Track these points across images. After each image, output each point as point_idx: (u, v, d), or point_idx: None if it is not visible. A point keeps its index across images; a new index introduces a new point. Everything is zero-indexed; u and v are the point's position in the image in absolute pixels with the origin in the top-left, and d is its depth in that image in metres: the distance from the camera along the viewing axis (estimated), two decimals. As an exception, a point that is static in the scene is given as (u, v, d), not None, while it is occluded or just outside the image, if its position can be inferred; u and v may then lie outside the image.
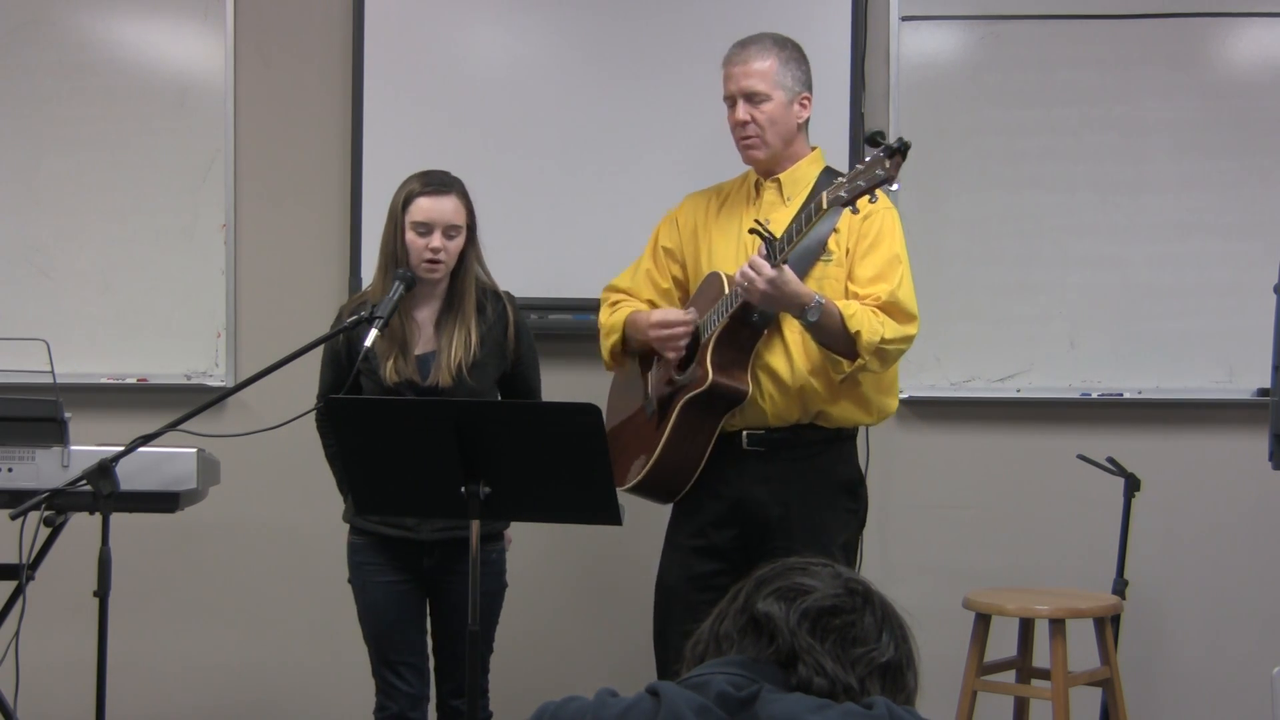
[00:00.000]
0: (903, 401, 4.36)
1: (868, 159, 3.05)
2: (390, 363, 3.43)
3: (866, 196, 3.05)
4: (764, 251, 3.18)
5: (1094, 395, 4.35)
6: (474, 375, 3.46)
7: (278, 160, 4.52)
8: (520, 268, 4.08)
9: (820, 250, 3.34)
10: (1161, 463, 4.26)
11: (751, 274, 3.17)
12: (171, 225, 4.50)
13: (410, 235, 3.44)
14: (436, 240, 3.43)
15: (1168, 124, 4.33)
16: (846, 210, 3.26)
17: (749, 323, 3.32)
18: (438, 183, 3.47)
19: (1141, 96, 4.33)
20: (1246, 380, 4.28)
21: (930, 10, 4.38)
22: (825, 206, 3.11)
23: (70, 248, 4.51)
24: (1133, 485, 4.07)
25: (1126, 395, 4.35)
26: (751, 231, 3.21)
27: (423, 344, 3.50)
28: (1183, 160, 4.33)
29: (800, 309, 3.21)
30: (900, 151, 3.01)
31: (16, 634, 3.17)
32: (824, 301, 3.22)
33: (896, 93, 4.37)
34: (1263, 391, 4.16)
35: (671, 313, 3.45)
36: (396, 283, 3.33)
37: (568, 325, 4.37)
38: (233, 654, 4.52)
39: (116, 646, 3.18)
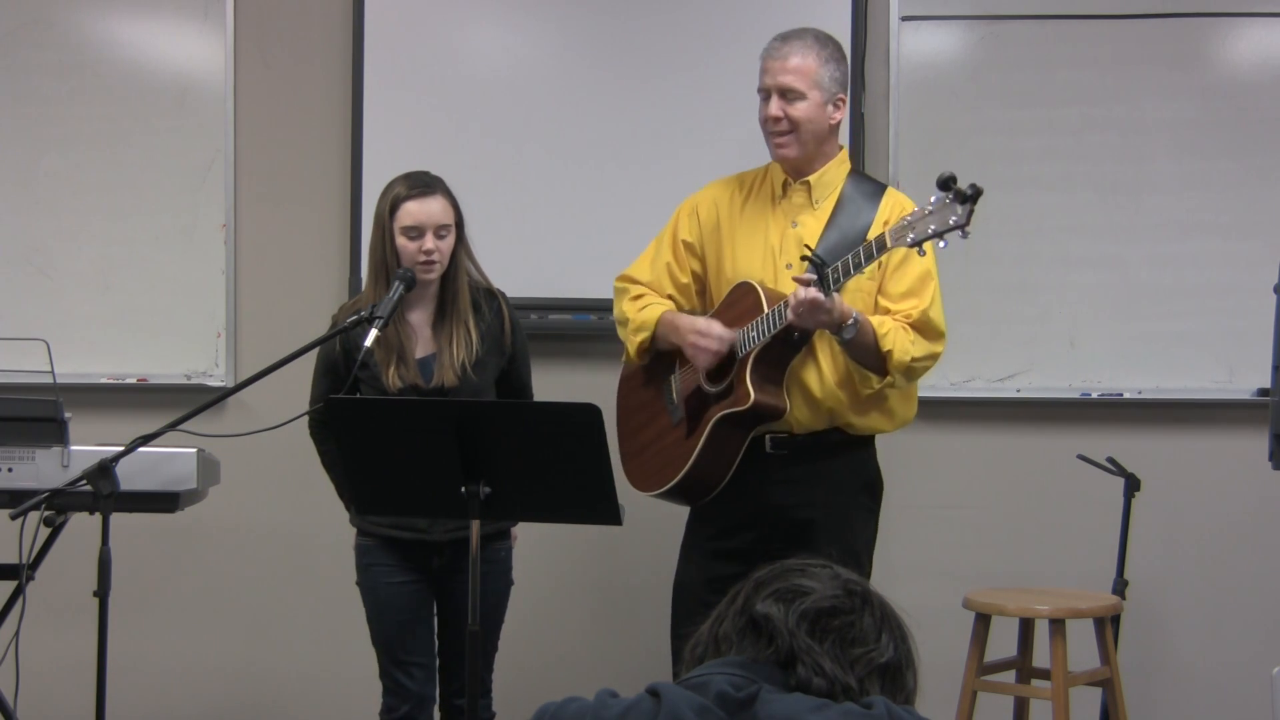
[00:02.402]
0: (903, 401, 4.37)
1: (934, 201, 2.98)
2: (391, 370, 3.41)
3: (937, 240, 3.00)
4: (815, 276, 3.12)
5: (1094, 395, 4.35)
6: (477, 373, 3.45)
7: (278, 160, 4.52)
8: (520, 268, 4.08)
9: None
10: (1161, 463, 4.26)
11: (807, 304, 3.12)
12: (171, 225, 4.50)
13: (401, 240, 3.42)
14: (429, 242, 3.41)
15: (1168, 124, 4.33)
16: (878, 221, 3.29)
17: (789, 341, 3.29)
18: (422, 184, 3.45)
19: (1141, 96, 4.33)
20: (1246, 380, 4.28)
21: (930, 10, 4.38)
22: (890, 246, 3.06)
23: (70, 248, 4.51)
24: (1133, 485, 4.07)
25: (1126, 395, 4.35)
26: (804, 259, 3.18)
27: (421, 347, 3.49)
28: (1183, 160, 4.33)
29: (839, 326, 3.20)
30: (973, 198, 2.93)
31: (16, 634, 3.16)
32: (860, 318, 3.20)
33: (896, 93, 4.37)
34: (1263, 391, 4.16)
35: (715, 326, 3.35)
36: (397, 283, 3.30)
37: (568, 325, 4.37)
38: (233, 654, 4.52)
39: (116, 646, 3.18)
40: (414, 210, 3.42)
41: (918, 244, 3.01)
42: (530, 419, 3.04)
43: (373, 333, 3.16)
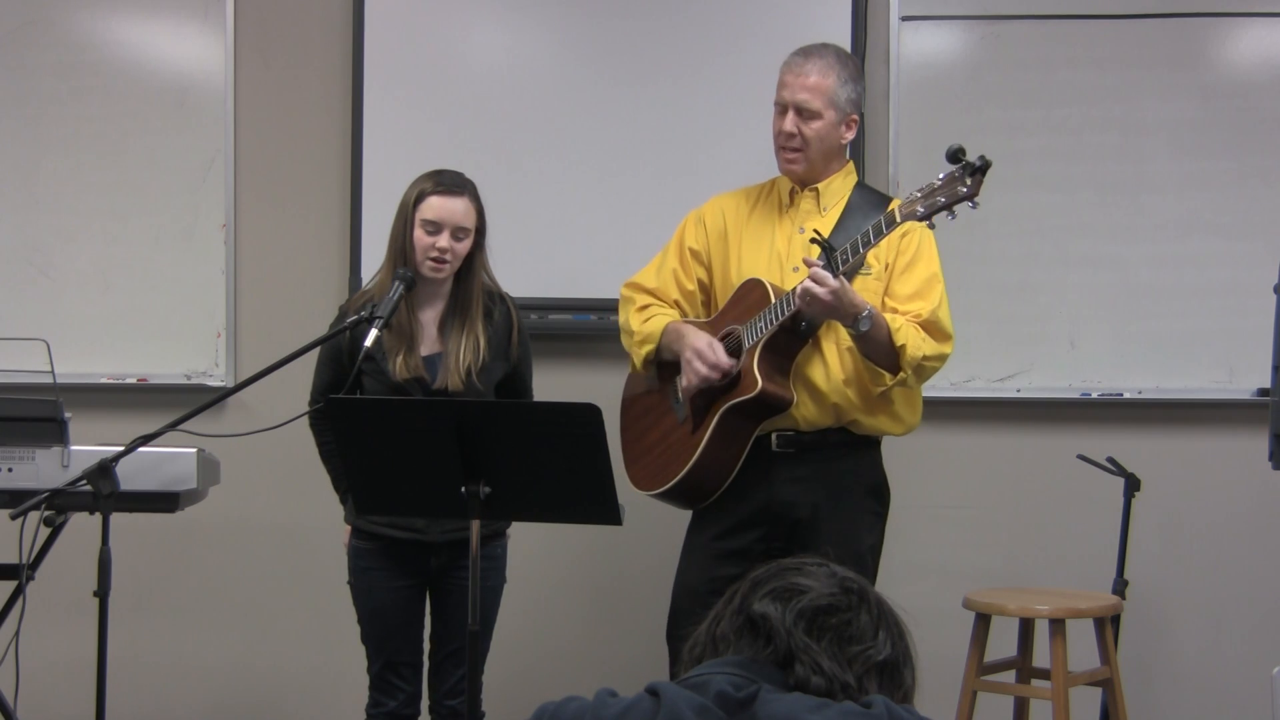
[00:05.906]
0: (903, 401, 4.37)
1: (944, 175, 3.03)
2: (399, 358, 3.42)
3: (946, 213, 3.02)
4: (822, 262, 3.15)
5: (1094, 395, 4.35)
6: (481, 379, 3.46)
7: (278, 160, 4.52)
8: (520, 268, 4.08)
9: (860, 263, 3.32)
10: (1161, 463, 4.26)
11: (815, 287, 3.13)
12: (171, 225, 4.50)
13: (418, 232, 3.43)
14: (444, 240, 3.42)
15: (1168, 124, 4.33)
16: None
17: (796, 331, 3.30)
18: (451, 183, 3.47)
19: (1141, 96, 4.33)
20: (1246, 380, 4.28)
21: (930, 10, 4.38)
22: (899, 220, 3.08)
23: (70, 248, 4.51)
24: (1133, 485, 4.07)
25: (1126, 395, 4.34)
26: (813, 241, 3.18)
27: (427, 345, 3.49)
28: (1183, 160, 4.33)
29: (853, 318, 3.20)
30: (981, 170, 2.97)
31: (16, 634, 3.17)
32: (875, 312, 3.22)
33: (896, 93, 4.37)
34: (1263, 391, 4.16)
35: (718, 351, 3.34)
36: (397, 283, 3.32)
37: (568, 325, 4.37)
38: (232, 654, 4.52)
39: (116, 646, 3.18)
40: (436, 205, 3.43)
41: (927, 217, 3.05)
42: (530, 419, 3.04)
43: (373, 333, 3.17)
